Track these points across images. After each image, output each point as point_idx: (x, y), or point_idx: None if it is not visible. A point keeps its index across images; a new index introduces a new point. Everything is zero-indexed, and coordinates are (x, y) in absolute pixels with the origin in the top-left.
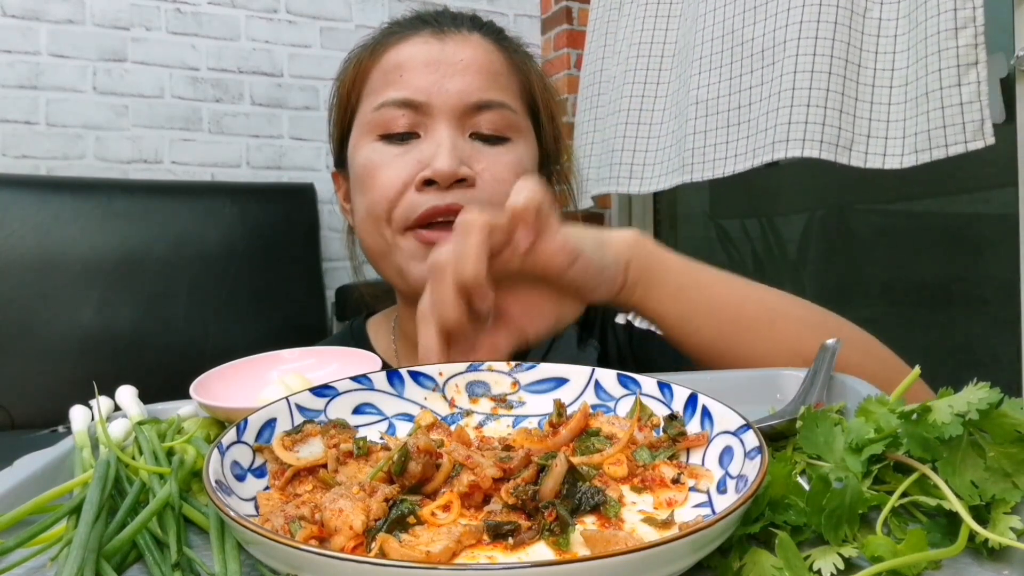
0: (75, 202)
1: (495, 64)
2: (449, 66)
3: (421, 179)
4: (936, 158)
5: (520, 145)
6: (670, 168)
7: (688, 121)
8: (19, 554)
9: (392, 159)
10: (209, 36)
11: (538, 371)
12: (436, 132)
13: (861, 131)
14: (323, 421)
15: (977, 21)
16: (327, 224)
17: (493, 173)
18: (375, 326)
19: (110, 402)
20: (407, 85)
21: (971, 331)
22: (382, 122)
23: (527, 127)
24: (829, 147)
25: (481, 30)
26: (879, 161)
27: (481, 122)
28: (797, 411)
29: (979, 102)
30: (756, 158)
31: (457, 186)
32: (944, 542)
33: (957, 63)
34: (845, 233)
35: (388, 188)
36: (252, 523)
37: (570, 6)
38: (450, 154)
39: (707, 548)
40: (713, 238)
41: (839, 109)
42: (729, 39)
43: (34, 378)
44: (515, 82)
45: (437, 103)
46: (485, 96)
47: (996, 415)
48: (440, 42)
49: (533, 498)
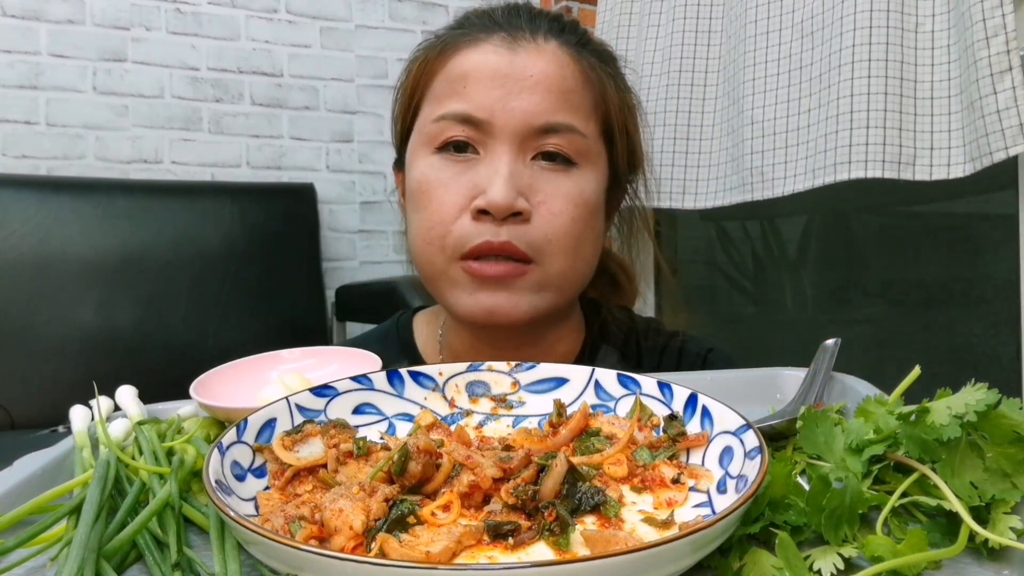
0: (75, 202)
1: (568, 80)
2: (517, 81)
3: (476, 208)
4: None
5: (586, 172)
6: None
7: (745, 141)
8: (19, 554)
9: (448, 180)
10: (209, 36)
11: (538, 371)
12: (495, 155)
13: (923, 144)
14: (323, 421)
15: (1008, 28)
16: (327, 224)
17: (550, 207)
18: (421, 324)
19: (110, 402)
20: (470, 99)
21: (971, 331)
22: (441, 134)
23: (597, 150)
24: (892, 165)
25: (560, 36)
26: (944, 172)
27: (547, 144)
28: (797, 411)
29: (1016, 107)
30: (816, 178)
31: (512, 219)
32: (944, 542)
33: (990, 71)
34: (845, 233)
35: (444, 212)
36: (252, 523)
37: (570, 5)
38: (506, 184)
39: (707, 548)
40: (713, 238)
41: (898, 127)
42: (786, 63)
43: (34, 378)
44: (588, 100)
45: (499, 123)
46: (552, 119)
47: (994, 416)
48: (511, 52)
49: (533, 498)
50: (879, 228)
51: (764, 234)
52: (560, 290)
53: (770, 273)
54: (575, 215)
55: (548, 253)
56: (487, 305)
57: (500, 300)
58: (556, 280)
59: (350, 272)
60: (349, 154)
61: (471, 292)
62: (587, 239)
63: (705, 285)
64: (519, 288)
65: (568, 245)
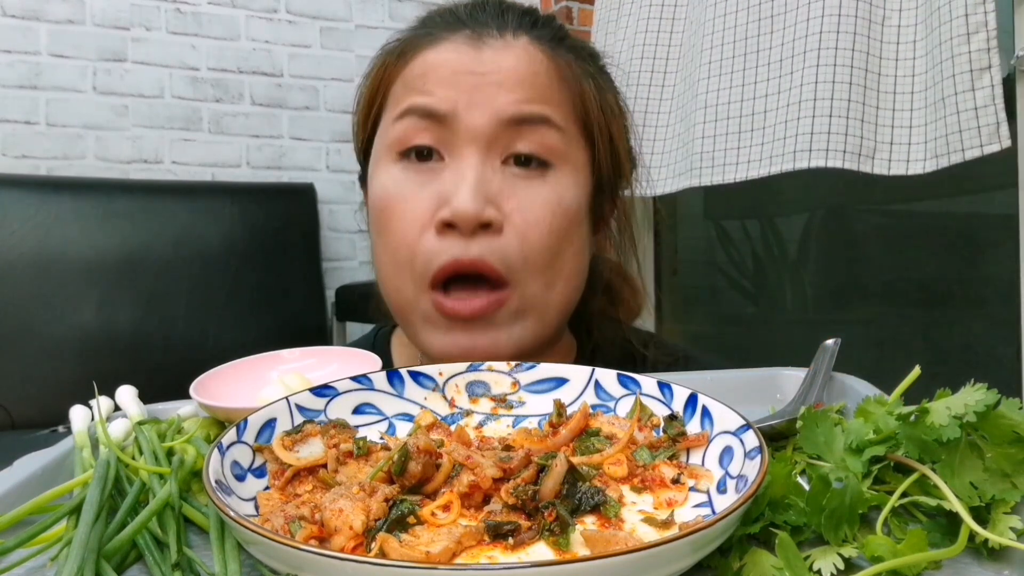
0: (75, 202)
1: (540, 76)
2: (482, 76)
3: (440, 221)
4: (955, 162)
5: (564, 175)
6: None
7: (696, 125)
8: (19, 554)
9: (410, 193)
10: (209, 36)
11: (538, 371)
12: (461, 159)
13: (883, 138)
14: (323, 421)
15: (989, 26)
16: (327, 224)
17: (524, 216)
18: (400, 346)
19: (110, 402)
20: (432, 94)
21: (971, 331)
22: (402, 136)
23: (577, 150)
24: (852, 156)
25: (532, 32)
26: (903, 168)
27: (518, 143)
28: (797, 411)
29: (993, 105)
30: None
31: (482, 232)
32: (944, 542)
33: (970, 68)
34: (845, 233)
35: (406, 230)
36: (252, 523)
37: (570, 6)
38: (473, 191)
39: (707, 548)
40: (713, 238)
41: (860, 118)
42: (742, 46)
43: (34, 378)
44: (565, 97)
45: (465, 118)
46: (524, 109)
47: (994, 416)
48: (476, 50)
49: (533, 498)
50: (879, 228)
51: (764, 234)
52: (541, 315)
53: (770, 273)
54: (553, 225)
55: (525, 272)
56: (464, 346)
57: (478, 340)
58: (537, 303)
59: (350, 272)
60: (349, 154)
61: (445, 331)
62: (567, 254)
63: (705, 285)
64: (498, 322)
65: (546, 261)
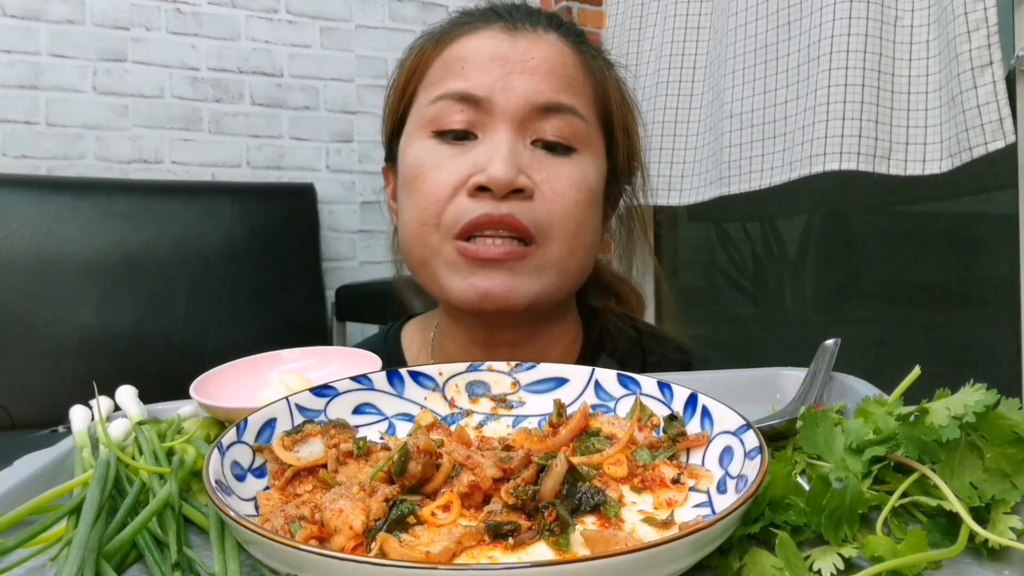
0: (75, 202)
1: (568, 67)
2: (517, 63)
3: (474, 184)
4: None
5: (586, 158)
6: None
7: (724, 134)
8: (19, 554)
9: (445, 160)
10: (209, 36)
11: (538, 371)
12: (495, 135)
13: (899, 139)
14: (323, 421)
15: (989, 22)
16: (327, 224)
17: (552, 187)
18: (411, 335)
19: (110, 402)
20: (469, 78)
21: (971, 331)
22: (438, 117)
23: (597, 139)
24: (867, 158)
25: (559, 30)
26: (919, 167)
27: (546, 128)
28: (797, 411)
29: (995, 102)
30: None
31: (513, 196)
32: (944, 542)
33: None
34: (845, 234)
35: (438, 192)
36: (252, 523)
37: (570, 6)
38: (508, 160)
39: (707, 548)
40: (713, 239)
41: (875, 120)
42: (763, 53)
43: (34, 378)
44: (589, 89)
45: (499, 101)
46: (554, 98)
47: (993, 416)
48: (511, 38)
49: (533, 498)
50: (879, 228)
51: (764, 234)
52: (560, 276)
53: (770, 273)
54: (578, 198)
55: (550, 234)
56: (483, 288)
57: (496, 283)
58: (557, 264)
59: (350, 272)
60: (349, 154)
61: (466, 275)
62: (589, 226)
63: (705, 285)
64: (518, 271)
65: (571, 228)
